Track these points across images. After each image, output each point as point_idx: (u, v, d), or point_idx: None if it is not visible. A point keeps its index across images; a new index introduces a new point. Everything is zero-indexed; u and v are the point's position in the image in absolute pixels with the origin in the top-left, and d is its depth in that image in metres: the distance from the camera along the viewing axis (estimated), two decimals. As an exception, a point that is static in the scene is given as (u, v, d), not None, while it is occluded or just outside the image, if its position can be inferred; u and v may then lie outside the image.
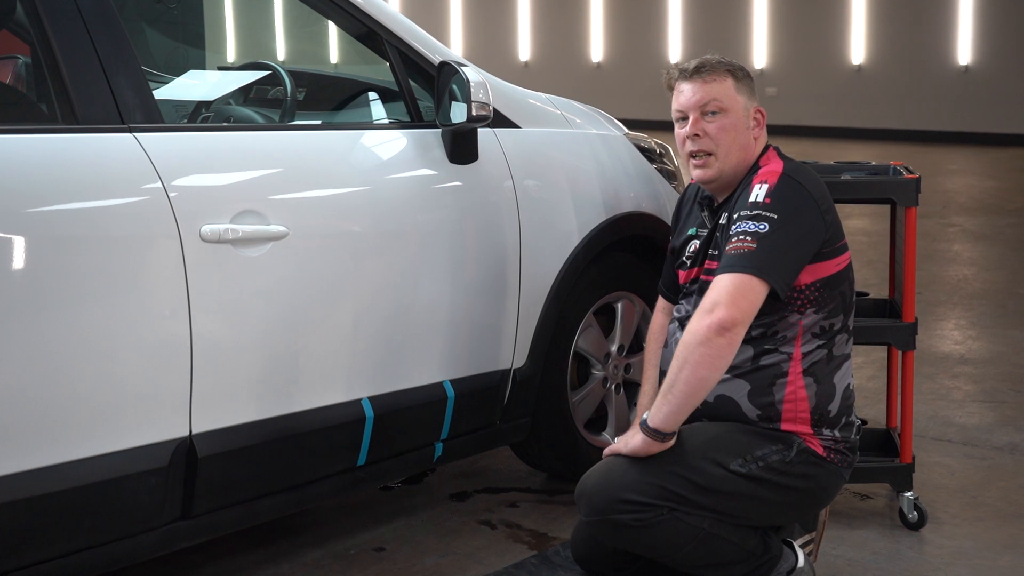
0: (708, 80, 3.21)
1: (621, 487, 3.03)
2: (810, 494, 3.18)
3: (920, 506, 3.81)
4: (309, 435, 3.22)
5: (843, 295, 3.20)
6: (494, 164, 3.69)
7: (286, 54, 16.04)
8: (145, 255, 2.87)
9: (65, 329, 2.73)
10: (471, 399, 3.62)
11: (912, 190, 3.82)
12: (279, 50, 15.99)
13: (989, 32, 16.63)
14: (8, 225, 2.64)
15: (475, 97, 3.42)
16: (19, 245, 2.65)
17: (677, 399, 2.98)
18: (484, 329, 3.66)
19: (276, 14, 15.93)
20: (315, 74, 4.40)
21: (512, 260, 3.70)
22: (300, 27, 14.21)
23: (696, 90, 3.22)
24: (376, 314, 3.37)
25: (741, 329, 2.98)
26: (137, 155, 2.88)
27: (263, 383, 3.12)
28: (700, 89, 3.21)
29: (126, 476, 2.86)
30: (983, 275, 7.94)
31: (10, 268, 2.64)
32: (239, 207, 3.03)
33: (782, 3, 18.18)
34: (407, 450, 3.53)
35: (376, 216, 3.36)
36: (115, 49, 2.93)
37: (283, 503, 3.26)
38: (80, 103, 2.85)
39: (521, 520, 3.90)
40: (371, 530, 3.81)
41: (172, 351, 2.91)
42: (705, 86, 3.21)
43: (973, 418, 4.92)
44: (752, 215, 3.06)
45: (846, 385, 3.22)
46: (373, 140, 3.51)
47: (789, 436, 3.13)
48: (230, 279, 3.02)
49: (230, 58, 10.56)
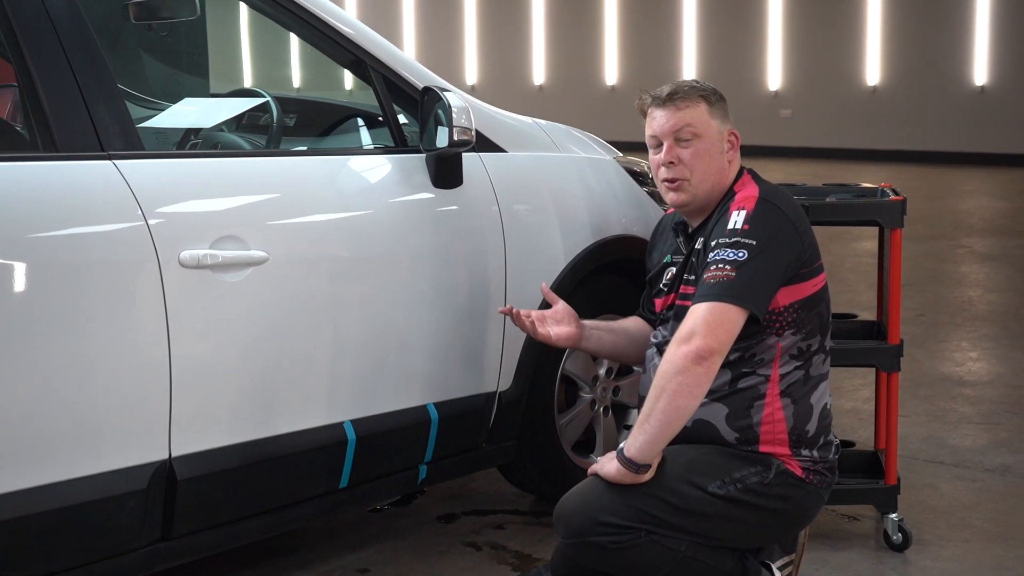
0: (681, 106, 3.24)
1: (599, 509, 3.04)
2: (789, 516, 3.19)
3: (905, 528, 3.82)
4: (290, 458, 3.25)
5: (820, 316, 3.21)
6: (479, 188, 3.72)
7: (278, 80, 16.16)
8: (124, 281, 2.91)
9: (44, 353, 2.77)
10: (455, 422, 3.65)
11: (897, 212, 3.83)
12: (269, 76, 16.10)
13: (1005, 52, 16.61)
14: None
15: (457, 122, 3.45)
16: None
17: (654, 428, 2.99)
18: (469, 352, 3.69)
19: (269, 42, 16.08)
20: (304, 100, 4.45)
21: (497, 284, 3.73)
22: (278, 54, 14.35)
23: (669, 116, 3.24)
24: (359, 338, 3.40)
25: (718, 358, 3.00)
26: (116, 182, 2.92)
27: (244, 406, 3.16)
28: (673, 115, 3.24)
29: (105, 498, 2.89)
30: (988, 296, 7.93)
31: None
32: (219, 233, 3.07)
33: (797, 24, 18.20)
34: (390, 472, 3.55)
35: (359, 241, 3.40)
36: (95, 76, 2.98)
37: (264, 525, 3.29)
38: (59, 130, 2.90)
39: (507, 542, 3.92)
40: (357, 552, 3.84)
41: (151, 375, 2.95)
42: (678, 112, 3.23)
43: (967, 440, 4.92)
44: (731, 242, 3.08)
45: (823, 405, 3.23)
46: (357, 165, 3.55)
47: (768, 458, 3.14)
48: (209, 304, 3.06)
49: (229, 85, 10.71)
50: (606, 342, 3.52)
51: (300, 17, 3.45)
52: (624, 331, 3.54)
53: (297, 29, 3.54)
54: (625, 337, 3.53)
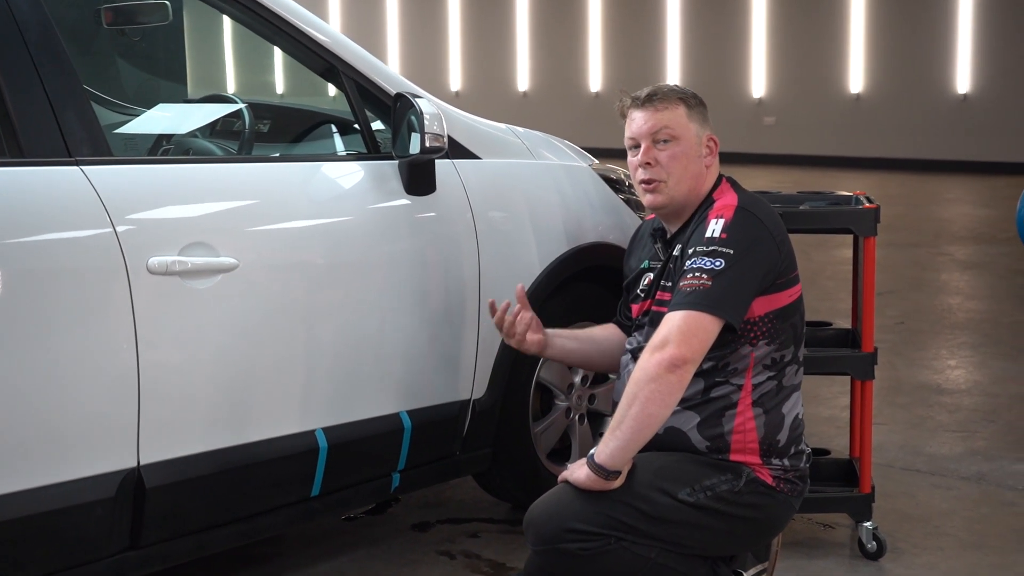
0: (660, 108, 3.23)
1: (568, 516, 3.02)
2: (759, 524, 3.18)
3: (879, 536, 3.81)
4: (261, 466, 3.24)
5: (794, 326, 3.21)
6: (453, 195, 3.71)
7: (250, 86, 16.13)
8: (91, 287, 2.90)
9: (9, 360, 2.75)
10: (429, 430, 3.63)
11: (871, 220, 3.83)
12: (239, 83, 16.09)
13: (988, 61, 16.65)
14: (-49, 258, 2.67)
15: (429, 128, 3.44)
16: (-38, 278, 2.68)
17: (625, 435, 2.98)
18: (442, 360, 3.67)
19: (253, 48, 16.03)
20: (277, 106, 4.43)
21: (471, 291, 3.72)
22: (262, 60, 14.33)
23: (648, 118, 3.24)
24: (330, 346, 3.38)
25: (692, 367, 2.99)
26: (83, 188, 2.91)
27: (213, 414, 3.14)
28: (652, 117, 3.23)
29: (72, 507, 2.88)
30: (968, 304, 7.94)
31: (-48, 300, 2.67)
32: (188, 239, 3.05)
33: (780, 31, 18.23)
34: (363, 481, 3.54)
35: (330, 248, 3.39)
36: (62, 82, 2.96)
37: (235, 534, 3.28)
38: (26, 136, 2.88)
39: (481, 550, 3.91)
40: (331, 560, 3.82)
41: (119, 382, 2.93)
42: (657, 114, 3.23)
43: (943, 448, 4.92)
44: (708, 251, 3.07)
45: (795, 415, 3.22)
46: (329, 172, 3.54)
47: (738, 466, 3.13)
48: (178, 311, 3.04)
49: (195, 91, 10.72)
50: (571, 350, 3.51)
51: (272, 24, 3.44)
52: (590, 339, 3.53)
53: (270, 36, 3.53)
54: (591, 344, 3.51)
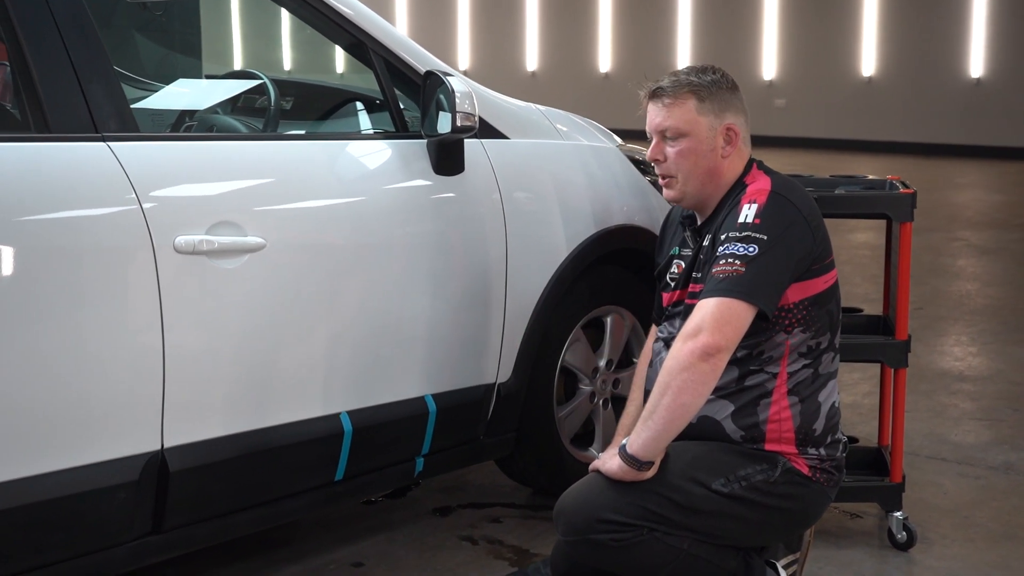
0: (667, 104, 3.14)
1: (600, 506, 2.97)
2: (794, 514, 3.12)
3: (909, 526, 3.76)
4: (285, 449, 3.18)
5: (830, 313, 3.14)
6: (481, 176, 3.64)
7: (278, 63, 16.04)
8: (117, 266, 2.83)
9: (33, 340, 2.69)
10: (453, 414, 3.57)
11: (907, 205, 3.76)
12: (259, 58, 16.00)
13: (1002, 44, 16.57)
14: (-24, 234, 2.60)
15: (460, 107, 3.37)
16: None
17: (658, 425, 2.92)
18: (468, 343, 3.61)
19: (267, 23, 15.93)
20: (302, 83, 4.36)
21: (498, 273, 3.65)
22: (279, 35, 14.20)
23: (656, 113, 3.16)
24: (356, 328, 3.32)
25: (725, 355, 2.92)
26: (110, 164, 2.84)
27: (238, 396, 3.08)
28: (659, 113, 3.15)
29: (95, 490, 2.81)
30: (986, 290, 7.88)
31: (-24, 278, 2.60)
32: (215, 218, 2.99)
33: (792, 14, 18.13)
34: (387, 465, 3.48)
35: (357, 228, 3.32)
36: (90, 57, 2.89)
37: (258, 518, 3.22)
38: (52, 111, 2.81)
39: (504, 536, 3.85)
40: (350, 545, 3.77)
41: (144, 363, 2.87)
42: (664, 110, 3.14)
43: (969, 436, 4.86)
44: (741, 236, 2.99)
45: (831, 403, 3.16)
46: (356, 151, 3.47)
47: (774, 456, 3.07)
48: (204, 291, 2.97)
49: (221, 67, 10.62)
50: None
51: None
52: (643, 374, 3.35)
53: (296, 9, 3.46)
54: (650, 372, 3.30)
